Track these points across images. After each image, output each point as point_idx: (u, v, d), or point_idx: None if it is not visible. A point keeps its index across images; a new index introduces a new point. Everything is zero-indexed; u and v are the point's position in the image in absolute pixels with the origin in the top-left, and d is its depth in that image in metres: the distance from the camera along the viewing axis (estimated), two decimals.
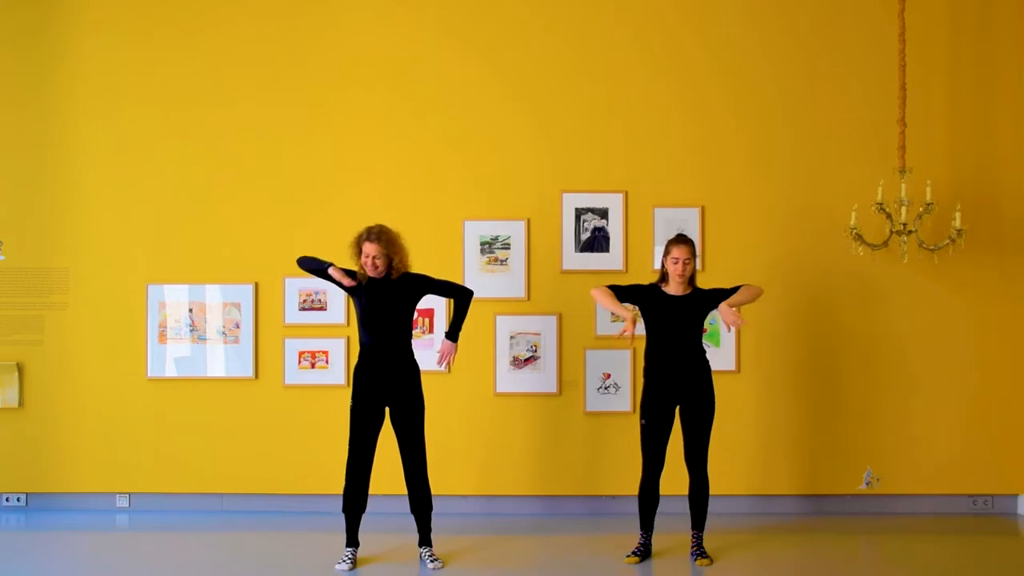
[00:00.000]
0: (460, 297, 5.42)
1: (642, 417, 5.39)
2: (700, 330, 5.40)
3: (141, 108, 6.60)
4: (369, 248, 5.20)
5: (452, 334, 5.42)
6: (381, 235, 5.21)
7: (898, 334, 6.46)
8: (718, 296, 5.36)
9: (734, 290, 5.39)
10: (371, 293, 5.26)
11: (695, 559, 5.36)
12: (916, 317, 6.46)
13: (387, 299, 5.26)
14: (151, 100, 6.60)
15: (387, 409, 5.33)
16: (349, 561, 5.24)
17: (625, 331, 5.20)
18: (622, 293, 5.43)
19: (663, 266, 5.41)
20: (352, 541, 5.33)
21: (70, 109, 6.61)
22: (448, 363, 5.46)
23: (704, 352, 5.40)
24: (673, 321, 5.32)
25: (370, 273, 5.25)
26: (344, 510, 5.31)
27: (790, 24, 6.53)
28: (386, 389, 5.27)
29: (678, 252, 5.32)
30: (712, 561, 5.34)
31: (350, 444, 5.28)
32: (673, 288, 5.37)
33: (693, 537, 5.43)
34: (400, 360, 5.29)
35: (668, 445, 5.40)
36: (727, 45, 6.54)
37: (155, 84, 6.60)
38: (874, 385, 6.45)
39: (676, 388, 5.33)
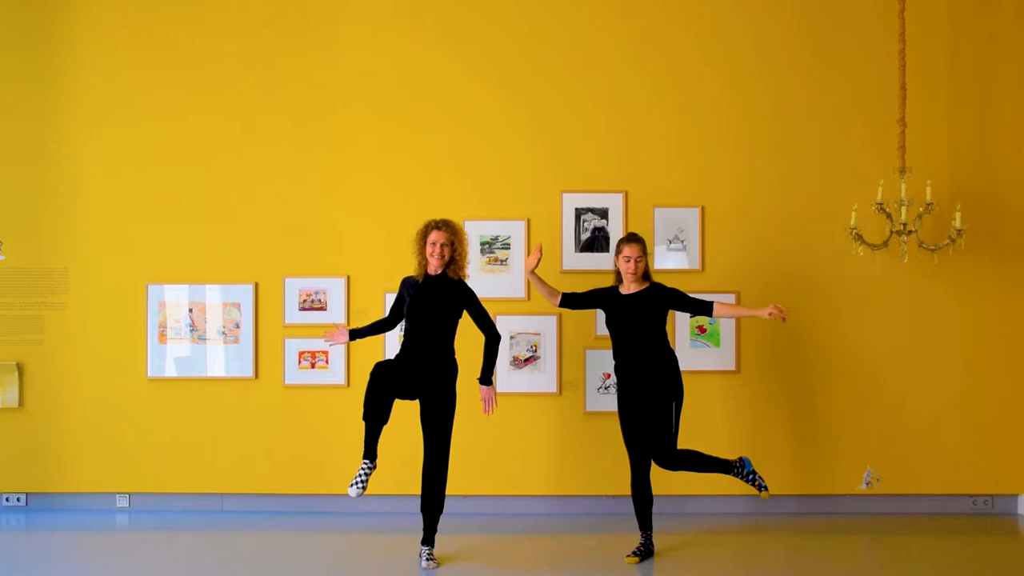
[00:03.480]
0: (490, 338, 5.37)
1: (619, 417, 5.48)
2: (661, 326, 5.42)
3: (141, 108, 6.60)
4: (436, 236, 5.28)
5: (485, 378, 5.38)
6: (449, 224, 5.33)
7: (898, 334, 6.46)
8: (678, 299, 5.40)
9: (696, 300, 5.42)
10: (424, 289, 5.29)
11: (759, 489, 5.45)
12: (916, 317, 6.46)
13: (437, 297, 5.27)
14: (151, 100, 6.60)
15: (417, 402, 5.31)
16: (363, 482, 4.99)
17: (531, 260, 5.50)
18: (582, 298, 5.56)
19: (616, 266, 5.49)
20: (370, 453, 5.05)
21: (71, 110, 6.61)
22: (492, 407, 5.36)
23: (667, 345, 5.42)
24: (630, 319, 5.38)
25: (433, 263, 5.29)
26: (364, 417, 5.06)
27: (789, 25, 6.53)
28: (420, 380, 5.24)
29: (629, 251, 5.39)
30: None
31: (374, 369, 5.10)
32: (627, 287, 5.44)
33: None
34: (438, 355, 5.27)
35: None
36: (726, 46, 6.54)
37: (156, 85, 6.60)
38: (874, 385, 6.45)
39: (643, 383, 5.36)
